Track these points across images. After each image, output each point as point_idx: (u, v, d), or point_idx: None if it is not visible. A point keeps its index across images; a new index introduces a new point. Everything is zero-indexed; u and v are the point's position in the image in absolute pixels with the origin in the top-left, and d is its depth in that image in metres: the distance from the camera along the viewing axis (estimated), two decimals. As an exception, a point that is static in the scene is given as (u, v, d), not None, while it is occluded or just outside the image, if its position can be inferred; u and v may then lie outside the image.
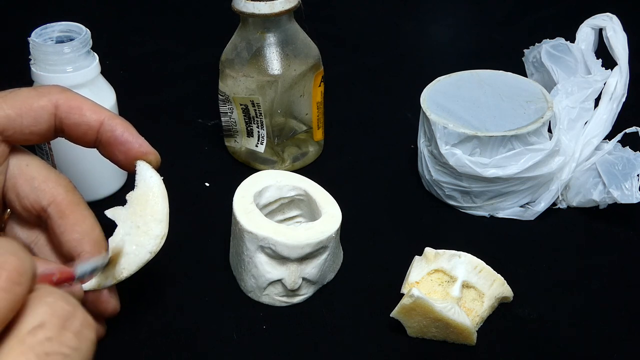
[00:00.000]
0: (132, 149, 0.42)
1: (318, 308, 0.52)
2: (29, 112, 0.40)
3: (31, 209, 0.42)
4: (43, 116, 0.41)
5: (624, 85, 0.61)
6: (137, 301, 0.52)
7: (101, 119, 0.41)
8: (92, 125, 0.41)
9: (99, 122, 0.41)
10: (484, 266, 0.51)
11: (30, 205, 0.42)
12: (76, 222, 0.42)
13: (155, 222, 0.42)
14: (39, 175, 0.42)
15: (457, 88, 0.62)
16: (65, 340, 0.27)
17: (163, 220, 0.43)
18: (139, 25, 0.95)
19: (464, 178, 0.58)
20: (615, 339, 0.49)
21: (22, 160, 0.42)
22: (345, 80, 0.81)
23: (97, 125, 0.41)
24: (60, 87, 0.42)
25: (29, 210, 0.42)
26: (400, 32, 0.94)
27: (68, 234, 0.42)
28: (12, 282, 0.26)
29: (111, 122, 0.41)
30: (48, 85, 0.43)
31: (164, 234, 0.43)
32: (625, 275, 0.54)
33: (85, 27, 0.57)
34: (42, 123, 0.41)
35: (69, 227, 0.42)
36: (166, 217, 0.43)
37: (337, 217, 0.52)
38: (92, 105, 0.42)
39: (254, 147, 0.64)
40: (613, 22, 0.64)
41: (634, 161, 0.57)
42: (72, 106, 0.41)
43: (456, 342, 0.48)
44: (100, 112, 0.42)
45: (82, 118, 0.41)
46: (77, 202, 0.42)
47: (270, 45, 0.60)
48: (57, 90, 0.42)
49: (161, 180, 0.43)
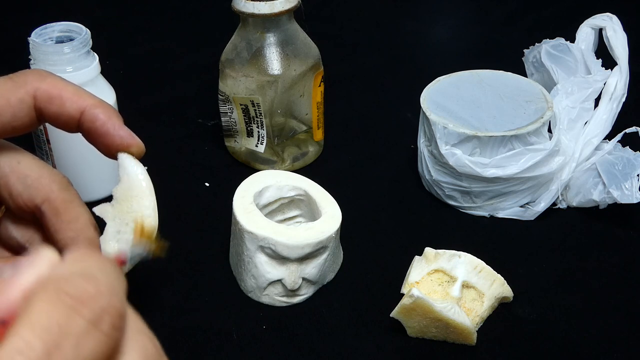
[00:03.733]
0: (113, 141, 0.40)
1: (318, 308, 0.52)
2: (7, 108, 0.38)
3: (25, 208, 0.41)
4: (22, 110, 0.39)
5: (624, 85, 0.61)
6: (136, 301, 0.52)
7: (82, 107, 0.39)
8: (73, 115, 0.39)
9: (80, 111, 0.39)
10: (484, 266, 0.51)
11: (23, 204, 0.41)
12: (70, 220, 0.40)
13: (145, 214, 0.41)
14: (31, 173, 0.41)
15: (457, 88, 0.62)
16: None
17: (151, 215, 0.41)
18: (139, 25, 0.95)
19: (464, 178, 0.58)
20: (615, 339, 0.49)
21: (13, 158, 0.41)
22: (345, 80, 0.81)
23: (78, 115, 0.39)
24: (39, 72, 0.40)
25: (22, 209, 0.41)
26: (400, 32, 0.94)
27: (63, 232, 0.40)
28: (115, 328, 0.24)
29: (93, 112, 0.39)
30: (25, 71, 0.41)
31: (154, 224, 0.42)
32: (625, 275, 0.54)
33: (85, 27, 0.57)
34: (22, 117, 0.39)
35: (64, 225, 0.40)
36: (154, 211, 0.41)
37: (337, 217, 0.52)
38: (73, 92, 0.40)
39: (254, 147, 0.64)
40: (613, 22, 0.64)
41: (634, 161, 0.57)
42: (51, 95, 0.39)
43: (456, 342, 0.48)
44: (82, 100, 0.40)
45: (62, 108, 0.39)
46: (71, 200, 0.41)
47: (270, 45, 0.60)
48: (35, 78, 0.39)
49: (145, 171, 0.41)
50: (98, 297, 0.24)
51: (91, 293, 0.24)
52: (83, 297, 0.23)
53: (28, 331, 0.21)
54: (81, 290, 0.23)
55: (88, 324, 0.23)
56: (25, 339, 0.21)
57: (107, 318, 0.24)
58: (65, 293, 0.23)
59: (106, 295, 0.24)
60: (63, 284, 0.23)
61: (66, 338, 0.22)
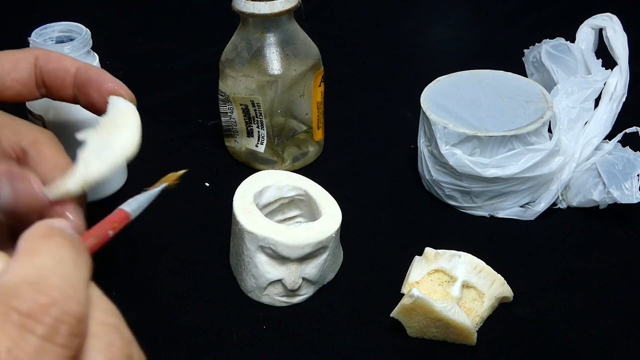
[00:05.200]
0: (105, 86, 0.43)
1: (318, 308, 0.52)
2: (9, 58, 0.43)
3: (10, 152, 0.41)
4: (23, 63, 0.43)
5: (624, 85, 0.61)
6: (136, 301, 0.52)
7: (77, 65, 0.43)
8: (69, 69, 0.43)
9: (76, 67, 0.43)
10: (484, 266, 0.51)
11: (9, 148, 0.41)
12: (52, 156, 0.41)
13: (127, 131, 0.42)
14: (23, 124, 0.43)
15: (457, 88, 0.62)
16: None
17: (134, 129, 0.42)
18: (139, 25, 0.95)
19: (464, 178, 0.58)
20: (615, 339, 0.49)
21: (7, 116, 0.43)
22: (345, 80, 0.81)
23: (74, 70, 0.43)
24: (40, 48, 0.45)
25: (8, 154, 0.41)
26: (400, 32, 0.94)
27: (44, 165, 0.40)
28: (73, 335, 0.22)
29: (86, 67, 0.43)
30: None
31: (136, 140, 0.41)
32: (625, 275, 0.54)
33: (85, 27, 0.57)
34: (22, 70, 0.43)
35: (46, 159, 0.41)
36: (138, 128, 0.42)
37: (337, 217, 0.52)
38: (70, 57, 0.44)
39: (254, 147, 0.64)
40: (613, 22, 0.64)
41: (634, 161, 0.57)
42: (50, 56, 0.43)
43: (456, 342, 0.48)
44: (76, 61, 0.44)
45: (60, 63, 0.43)
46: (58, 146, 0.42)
47: (270, 45, 0.60)
48: (37, 49, 0.45)
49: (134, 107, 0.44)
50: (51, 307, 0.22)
51: (43, 304, 0.22)
52: (33, 312, 0.21)
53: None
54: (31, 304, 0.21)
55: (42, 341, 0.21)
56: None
57: (63, 328, 0.22)
58: (13, 310, 0.21)
59: (60, 302, 0.22)
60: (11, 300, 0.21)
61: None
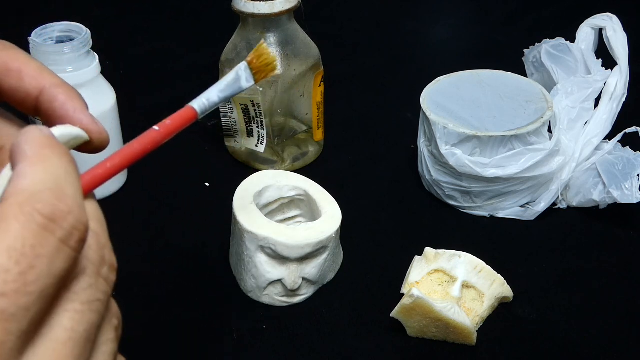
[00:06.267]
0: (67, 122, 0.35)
1: (318, 308, 0.52)
2: None
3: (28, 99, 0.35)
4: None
5: (624, 85, 0.61)
6: (136, 301, 0.52)
7: (41, 86, 0.35)
8: (31, 92, 0.35)
9: (38, 89, 0.35)
10: (484, 266, 0.51)
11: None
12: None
13: None
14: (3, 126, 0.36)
15: (457, 88, 0.62)
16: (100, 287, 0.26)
17: None
18: (139, 25, 0.95)
19: (464, 178, 0.58)
20: (615, 339, 0.49)
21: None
22: (345, 80, 0.81)
23: (36, 93, 0.35)
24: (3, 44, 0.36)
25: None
26: (400, 32, 0.94)
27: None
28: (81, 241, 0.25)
29: (52, 91, 0.35)
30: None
31: None
32: (625, 275, 0.54)
33: (85, 27, 0.57)
34: None
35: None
36: None
37: (337, 217, 0.52)
38: (36, 69, 0.35)
39: (254, 147, 0.64)
40: (613, 22, 0.64)
41: (634, 161, 0.57)
42: (10, 68, 0.35)
43: (456, 342, 0.48)
44: (43, 78, 0.35)
45: (20, 83, 0.35)
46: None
47: (270, 45, 0.60)
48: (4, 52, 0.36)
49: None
50: (68, 214, 0.24)
51: (63, 210, 0.24)
52: (55, 216, 0.24)
53: (2, 255, 0.22)
54: (53, 208, 0.24)
55: (59, 243, 0.24)
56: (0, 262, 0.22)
57: (76, 234, 0.24)
58: (37, 212, 0.24)
59: (75, 211, 0.25)
60: (34, 202, 0.24)
61: (39, 258, 0.23)
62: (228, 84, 0.36)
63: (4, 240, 0.23)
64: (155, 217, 0.61)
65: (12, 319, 0.23)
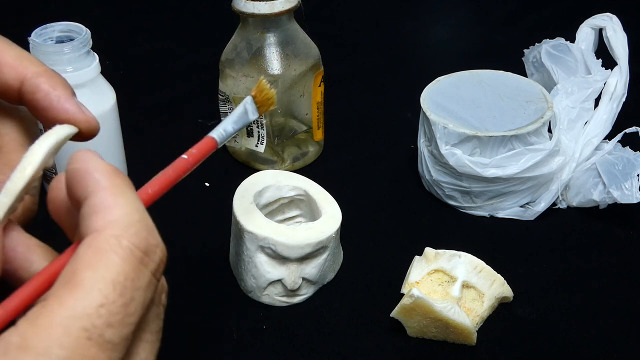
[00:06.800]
0: (57, 117, 0.32)
1: (318, 308, 0.52)
2: None
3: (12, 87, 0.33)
4: None
5: (624, 85, 0.61)
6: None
7: (22, 76, 0.33)
8: (11, 84, 0.33)
9: (19, 80, 0.33)
10: (484, 266, 0.51)
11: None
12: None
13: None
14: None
15: (457, 88, 0.62)
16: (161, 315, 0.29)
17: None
18: (139, 25, 0.95)
19: (464, 178, 0.58)
20: (615, 339, 0.49)
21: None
22: (345, 80, 0.81)
23: (17, 84, 0.33)
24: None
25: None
26: (400, 32, 0.94)
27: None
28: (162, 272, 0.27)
29: (34, 82, 0.33)
30: None
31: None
32: (625, 275, 0.54)
33: (85, 27, 0.57)
34: None
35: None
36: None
37: (337, 217, 0.52)
38: (15, 58, 0.33)
39: (254, 147, 0.64)
40: (613, 22, 0.64)
41: (634, 161, 0.57)
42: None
43: (456, 342, 0.48)
44: (23, 68, 0.33)
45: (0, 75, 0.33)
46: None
47: (270, 45, 0.60)
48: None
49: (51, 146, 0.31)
50: (157, 248, 0.27)
51: (153, 244, 0.26)
52: (149, 250, 0.26)
53: (108, 287, 0.24)
54: (146, 243, 0.26)
55: (151, 275, 0.26)
56: (105, 293, 0.24)
57: (162, 266, 0.27)
58: (135, 246, 0.25)
59: (160, 244, 0.27)
60: (130, 235, 0.25)
61: (138, 291, 0.25)
62: (239, 116, 0.40)
63: (108, 273, 0.24)
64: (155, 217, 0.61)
65: (116, 349, 0.24)
